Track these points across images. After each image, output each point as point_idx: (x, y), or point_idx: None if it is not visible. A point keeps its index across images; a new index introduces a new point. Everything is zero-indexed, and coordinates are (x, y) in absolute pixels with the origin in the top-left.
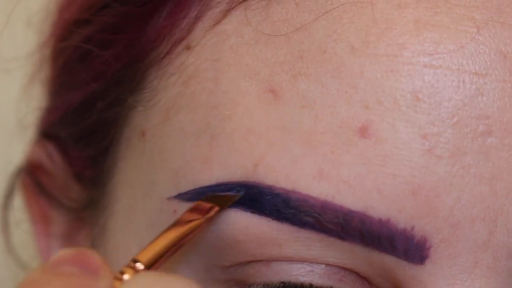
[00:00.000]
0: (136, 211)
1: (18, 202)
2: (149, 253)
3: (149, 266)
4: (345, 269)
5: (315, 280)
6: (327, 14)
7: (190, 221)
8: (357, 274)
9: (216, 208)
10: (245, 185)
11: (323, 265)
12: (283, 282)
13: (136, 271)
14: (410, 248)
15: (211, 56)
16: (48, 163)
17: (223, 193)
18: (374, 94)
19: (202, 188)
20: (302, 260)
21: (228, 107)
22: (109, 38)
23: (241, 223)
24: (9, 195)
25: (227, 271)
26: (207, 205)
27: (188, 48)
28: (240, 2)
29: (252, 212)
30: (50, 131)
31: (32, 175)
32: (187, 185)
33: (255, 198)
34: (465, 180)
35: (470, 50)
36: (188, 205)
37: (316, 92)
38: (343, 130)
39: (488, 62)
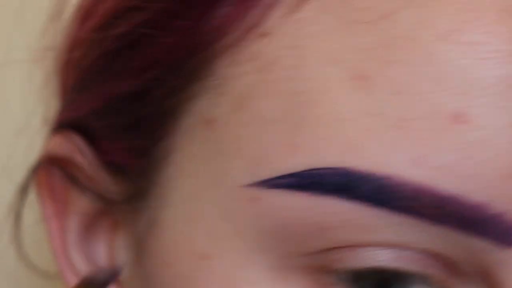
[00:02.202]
0: (203, 201)
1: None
2: None
3: None
4: (432, 254)
5: (403, 266)
6: (412, 3)
7: None
8: (444, 259)
9: None
10: (340, 171)
11: (414, 251)
12: (372, 267)
13: None
14: (502, 232)
15: (291, 44)
16: (78, 156)
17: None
18: (465, 81)
19: (292, 174)
20: (391, 246)
21: (313, 93)
22: (169, 24)
23: (334, 209)
24: (23, 192)
25: (310, 257)
26: None
27: (263, 35)
28: None
29: (347, 199)
30: (78, 123)
31: (61, 169)
32: (268, 173)
33: (351, 184)
34: None
35: None
36: (268, 192)
37: (408, 79)
38: (437, 116)
39: None
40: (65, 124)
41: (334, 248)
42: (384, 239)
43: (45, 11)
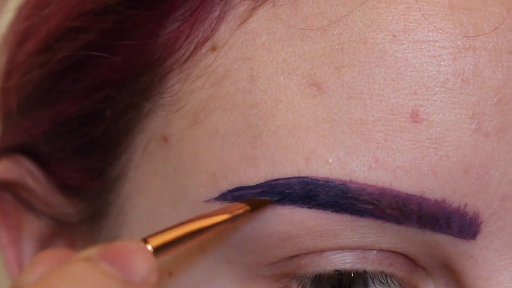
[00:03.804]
0: (162, 216)
1: None
2: (162, 238)
3: (157, 250)
4: (395, 253)
5: (368, 267)
6: (363, 5)
7: (216, 216)
8: (406, 256)
9: (247, 208)
10: (300, 180)
11: (375, 251)
12: (337, 270)
13: None
14: (465, 225)
15: (242, 55)
16: (29, 180)
17: (259, 198)
18: (420, 79)
19: (252, 186)
20: (356, 248)
21: (269, 104)
22: (115, 44)
23: (297, 218)
24: None
25: (274, 266)
26: (240, 205)
27: (214, 49)
28: (266, 0)
29: (309, 207)
30: (26, 147)
31: (12, 194)
32: (229, 186)
33: (311, 192)
34: (510, 155)
35: (504, 30)
36: None
37: (362, 82)
38: (394, 117)
39: None
40: (11, 148)
41: (300, 254)
42: (349, 242)
43: None
